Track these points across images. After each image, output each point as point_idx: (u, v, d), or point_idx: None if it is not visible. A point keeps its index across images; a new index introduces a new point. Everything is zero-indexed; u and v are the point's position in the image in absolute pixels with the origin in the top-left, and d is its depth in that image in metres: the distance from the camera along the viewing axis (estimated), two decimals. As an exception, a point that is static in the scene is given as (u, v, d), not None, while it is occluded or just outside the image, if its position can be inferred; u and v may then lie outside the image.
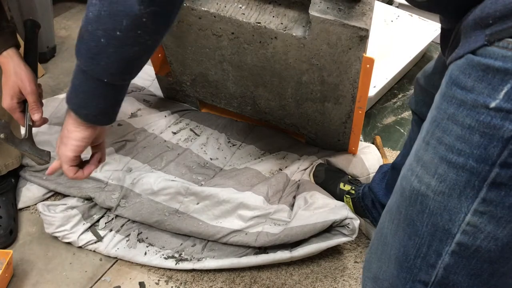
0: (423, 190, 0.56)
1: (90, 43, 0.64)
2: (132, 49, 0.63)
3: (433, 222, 0.56)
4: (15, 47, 1.05)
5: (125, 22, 0.60)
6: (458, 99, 0.51)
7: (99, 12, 0.61)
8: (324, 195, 1.25)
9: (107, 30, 0.61)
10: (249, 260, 1.16)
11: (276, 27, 1.12)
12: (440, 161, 0.54)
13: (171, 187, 1.26)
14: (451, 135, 0.52)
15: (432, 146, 0.55)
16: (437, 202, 0.55)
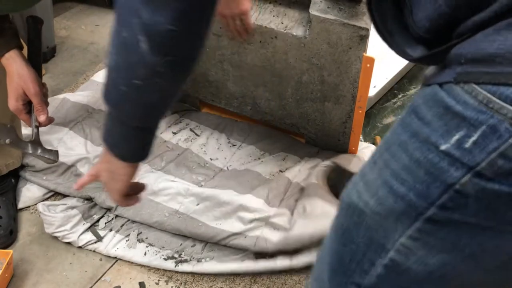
0: (361, 206, 0.57)
1: (112, 90, 0.64)
2: (153, 96, 0.62)
3: (369, 235, 0.57)
4: (17, 48, 1.05)
5: (141, 72, 0.59)
6: (413, 129, 0.50)
7: (116, 61, 0.61)
8: (326, 201, 1.21)
9: (126, 79, 0.61)
10: (248, 266, 1.15)
11: (277, 27, 1.12)
12: (382, 184, 0.53)
13: (171, 187, 1.25)
14: (398, 162, 0.51)
15: (378, 166, 0.55)
16: (374, 220, 0.55)
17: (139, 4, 0.53)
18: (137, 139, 0.70)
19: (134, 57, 0.58)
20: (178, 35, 0.55)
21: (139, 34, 0.55)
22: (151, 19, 0.53)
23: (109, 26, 2.27)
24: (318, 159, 1.39)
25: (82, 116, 1.48)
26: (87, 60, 1.91)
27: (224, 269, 1.15)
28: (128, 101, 0.63)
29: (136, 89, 0.61)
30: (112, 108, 0.66)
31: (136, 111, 0.64)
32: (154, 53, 0.56)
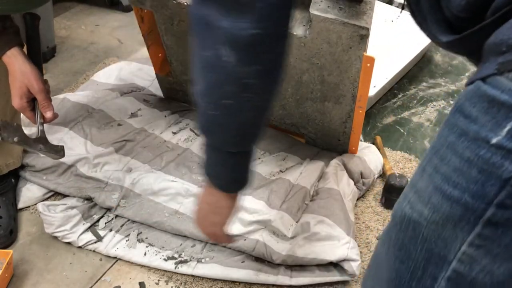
0: (415, 217, 0.54)
1: (204, 117, 0.62)
2: (246, 115, 0.60)
3: (427, 248, 0.54)
4: (19, 46, 1.05)
5: (230, 89, 0.57)
6: (460, 128, 0.49)
7: (203, 86, 0.59)
8: (332, 221, 1.19)
9: (214, 102, 0.59)
10: (249, 278, 1.15)
11: (276, 27, 1.12)
12: (434, 190, 0.51)
13: (171, 187, 1.25)
14: (448, 165, 0.50)
15: (427, 173, 0.53)
16: (431, 230, 0.53)
17: (218, 16, 0.52)
18: (235, 166, 0.68)
19: (220, 75, 0.56)
20: (264, 37, 0.53)
21: (222, 47, 0.53)
22: (233, 27, 0.52)
23: (109, 26, 2.30)
24: (320, 161, 1.38)
25: (82, 116, 1.47)
26: (87, 60, 1.91)
27: (224, 276, 1.15)
28: (220, 126, 0.61)
29: (226, 110, 0.59)
30: (206, 136, 0.65)
31: (229, 135, 0.62)
32: (241, 63, 0.54)
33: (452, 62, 1.95)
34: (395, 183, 1.30)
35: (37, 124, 1.09)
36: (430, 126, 1.64)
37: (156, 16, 1.29)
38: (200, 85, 0.59)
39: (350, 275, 1.12)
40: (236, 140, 0.64)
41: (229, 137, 0.63)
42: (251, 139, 0.66)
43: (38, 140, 1.09)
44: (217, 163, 0.68)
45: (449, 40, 0.53)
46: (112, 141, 1.40)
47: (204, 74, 0.58)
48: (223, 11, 0.51)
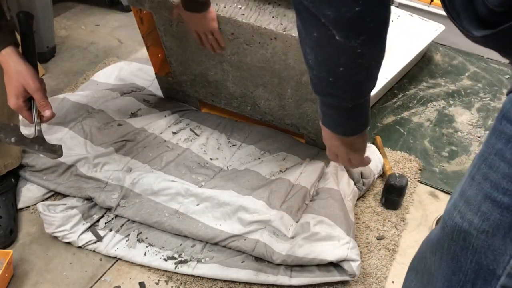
0: (465, 226, 0.54)
1: (321, 84, 0.67)
2: (360, 75, 0.64)
3: (477, 260, 0.53)
4: (13, 45, 1.04)
5: (343, 59, 0.61)
6: (508, 135, 0.48)
7: (316, 59, 0.63)
8: (332, 221, 1.19)
9: (330, 71, 0.63)
10: (249, 278, 1.15)
11: (276, 28, 1.12)
12: (484, 198, 0.51)
13: (171, 187, 1.26)
14: (497, 172, 0.49)
15: (477, 181, 0.52)
16: (481, 241, 0.52)
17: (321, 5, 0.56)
18: (356, 115, 0.73)
19: (332, 50, 0.60)
20: (365, 10, 0.55)
21: (331, 29, 0.57)
22: (337, 12, 0.55)
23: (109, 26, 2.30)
24: (320, 161, 1.39)
25: (82, 116, 1.48)
26: (87, 60, 1.92)
27: (224, 276, 1.15)
28: (339, 88, 0.66)
29: (343, 75, 0.63)
30: (325, 98, 0.70)
31: (348, 94, 0.67)
32: (350, 38, 0.58)
33: (452, 62, 1.95)
34: (395, 183, 1.30)
35: (34, 123, 1.09)
36: (430, 126, 1.64)
37: (155, 17, 1.29)
38: (313, 58, 0.64)
39: (350, 275, 1.12)
40: (354, 97, 0.68)
41: (347, 96, 0.68)
42: (368, 90, 0.70)
43: (35, 140, 1.08)
44: (338, 116, 0.73)
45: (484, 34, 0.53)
46: (112, 141, 1.41)
47: (316, 50, 0.62)
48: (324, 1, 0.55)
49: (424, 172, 1.48)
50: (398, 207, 1.35)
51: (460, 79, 1.87)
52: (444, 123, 1.66)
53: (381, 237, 1.27)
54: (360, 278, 1.17)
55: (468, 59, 1.97)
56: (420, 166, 1.49)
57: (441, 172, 1.48)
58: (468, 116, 1.69)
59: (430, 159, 1.52)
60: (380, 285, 1.16)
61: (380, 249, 1.24)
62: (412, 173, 1.45)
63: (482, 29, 0.53)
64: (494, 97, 1.78)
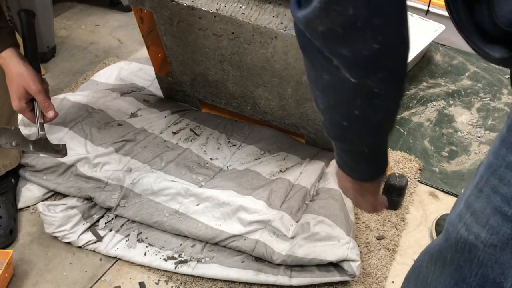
0: (471, 239, 0.53)
1: (334, 128, 0.62)
2: (377, 117, 0.59)
3: (482, 273, 0.53)
4: (13, 47, 1.04)
5: (359, 102, 0.56)
6: None
7: (327, 103, 0.59)
8: (332, 221, 1.18)
9: (344, 115, 0.59)
10: (248, 278, 1.15)
11: (276, 27, 1.12)
12: (493, 211, 0.50)
13: (171, 187, 1.25)
14: (508, 185, 0.48)
15: (485, 194, 0.51)
16: (488, 254, 0.51)
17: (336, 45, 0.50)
18: (373, 160, 0.68)
19: (346, 93, 0.55)
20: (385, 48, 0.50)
21: (345, 72, 0.52)
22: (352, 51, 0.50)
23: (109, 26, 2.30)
24: (320, 161, 1.39)
25: (82, 116, 1.48)
26: (87, 60, 1.92)
27: (224, 276, 1.15)
28: (353, 132, 0.61)
29: (358, 119, 0.58)
30: (339, 143, 0.65)
31: (363, 138, 0.62)
32: (367, 79, 0.53)
33: (452, 62, 1.95)
34: (395, 183, 1.30)
35: (37, 125, 1.08)
36: (430, 126, 1.65)
37: (155, 16, 1.29)
38: (324, 102, 0.59)
39: (350, 276, 1.12)
40: (370, 141, 0.64)
41: (363, 141, 0.63)
42: (385, 135, 0.65)
43: (38, 141, 1.08)
44: (353, 161, 0.69)
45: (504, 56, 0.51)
46: (112, 141, 1.41)
47: (328, 94, 0.58)
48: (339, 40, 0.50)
49: (424, 172, 1.48)
50: (398, 207, 1.35)
51: (460, 79, 1.87)
52: (444, 123, 1.66)
53: (381, 237, 1.27)
54: (360, 278, 1.17)
55: (468, 59, 1.97)
56: (420, 166, 1.49)
57: (441, 172, 1.48)
58: (468, 116, 1.69)
59: (430, 159, 1.52)
60: (380, 285, 1.16)
61: (380, 249, 1.24)
62: (412, 173, 1.45)
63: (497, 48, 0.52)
64: (494, 97, 1.78)
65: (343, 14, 0.47)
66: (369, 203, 0.78)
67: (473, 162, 1.51)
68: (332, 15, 0.47)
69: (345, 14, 0.47)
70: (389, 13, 0.48)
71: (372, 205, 0.78)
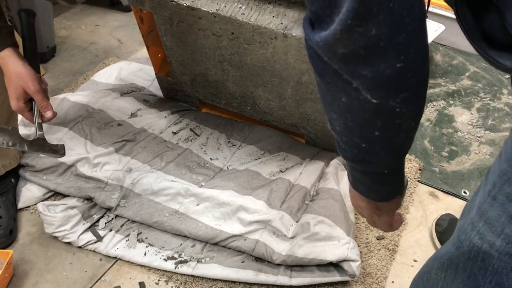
0: (485, 248, 0.52)
1: (353, 150, 0.60)
2: (398, 139, 0.57)
3: (497, 281, 0.52)
4: (12, 47, 1.04)
5: (379, 123, 0.54)
6: None
7: (345, 124, 0.56)
8: (332, 221, 1.18)
9: (363, 137, 0.57)
10: (248, 278, 1.15)
11: (276, 27, 1.12)
12: (508, 220, 0.49)
13: (171, 187, 1.26)
14: None
15: (499, 202, 0.51)
16: (503, 263, 0.51)
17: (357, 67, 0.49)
18: (392, 180, 0.66)
19: (366, 114, 0.53)
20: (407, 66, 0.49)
21: (365, 93, 0.51)
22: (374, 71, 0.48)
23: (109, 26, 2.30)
24: (320, 161, 1.39)
25: (82, 116, 1.48)
26: (87, 60, 1.92)
27: (224, 276, 1.15)
28: (373, 154, 0.60)
29: (378, 140, 0.57)
30: (357, 165, 0.63)
31: (383, 160, 0.61)
32: (389, 99, 0.51)
33: (452, 62, 1.95)
34: (394, 183, 1.30)
35: (35, 124, 1.08)
36: (430, 126, 1.65)
37: (155, 17, 1.29)
38: (341, 124, 0.57)
39: (350, 276, 1.12)
40: (390, 162, 0.62)
41: (383, 162, 0.61)
42: (403, 155, 0.63)
43: (35, 141, 1.08)
44: (371, 182, 0.67)
45: None
46: (112, 141, 1.41)
47: (345, 116, 0.55)
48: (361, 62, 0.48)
49: (424, 172, 1.48)
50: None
51: (460, 79, 1.87)
52: (444, 123, 1.66)
53: (381, 237, 1.27)
54: (360, 278, 1.17)
55: (468, 59, 1.97)
56: (420, 166, 1.49)
57: (441, 172, 1.48)
58: (468, 116, 1.69)
59: (430, 159, 1.52)
60: (380, 285, 1.16)
61: (380, 249, 1.24)
62: (412, 173, 1.45)
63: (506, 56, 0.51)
64: (494, 97, 1.78)
65: (365, 35, 0.45)
66: (385, 222, 0.76)
67: (473, 162, 1.51)
68: (354, 36, 0.46)
69: (368, 35, 0.45)
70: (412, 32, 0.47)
71: (389, 224, 0.77)
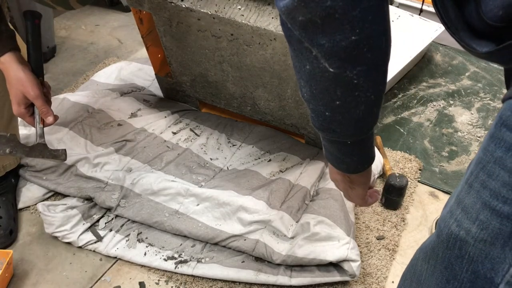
0: (462, 235, 0.53)
1: (318, 118, 0.63)
2: (358, 109, 0.59)
3: (473, 269, 0.53)
4: (13, 51, 1.03)
5: (339, 92, 0.57)
6: (508, 143, 0.48)
7: (311, 92, 0.60)
8: (333, 222, 1.18)
9: (326, 105, 0.60)
10: (248, 278, 1.15)
11: (275, 29, 1.12)
12: (482, 207, 0.51)
13: (171, 187, 1.26)
14: (497, 180, 0.49)
15: (475, 189, 0.52)
16: (478, 250, 0.52)
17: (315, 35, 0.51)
18: (358, 151, 0.68)
19: (326, 83, 0.56)
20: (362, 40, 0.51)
21: (324, 61, 0.54)
22: (332, 42, 0.51)
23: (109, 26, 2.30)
24: (320, 161, 1.39)
25: (82, 116, 1.48)
26: (87, 60, 1.92)
27: (224, 276, 1.15)
28: (337, 123, 0.62)
29: (339, 109, 0.59)
30: (323, 133, 0.66)
31: (347, 129, 0.63)
32: (345, 70, 0.54)
33: (452, 62, 1.95)
34: (395, 183, 1.30)
35: (36, 130, 1.08)
36: (430, 126, 1.65)
37: (154, 18, 1.29)
38: (308, 91, 0.60)
39: (350, 276, 1.12)
40: (354, 132, 0.64)
41: (347, 132, 0.64)
42: (367, 128, 0.65)
43: (35, 147, 1.07)
44: (339, 152, 0.69)
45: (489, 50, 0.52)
46: (112, 141, 1.41)
47: (310, 83, 0.59)
48: (318, 31, 0.51)
49: (424, 172, 1.48)
50: (398, 207, 1.35)
51: (460, 79, 1.87)
52: (444, 123, 1.66)
53: (381, 237, 1.27)
54: (360, 278, 1.17)
55: (468, 59, 1.97)
56: (420, 166, 1.49)
57: (441, 172, 1.48)
58: (468, 116, 1.69)
59: (430, 159, 1.52)
60: (380, 285, 1.16)
61: (380, 249, 1.24)
62: (412, 173, 1.45)
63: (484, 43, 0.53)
64: (494, 97, 1.78)
65: (320, 5, 0.48)
66: (358, 196, 0.79)
67: (473, 162, 1.51)
68: (310, 6, 0.49)
69: (323, 5, 0.48)
70: (368, 8, 0.49)
71: (362, 198, 0.79)
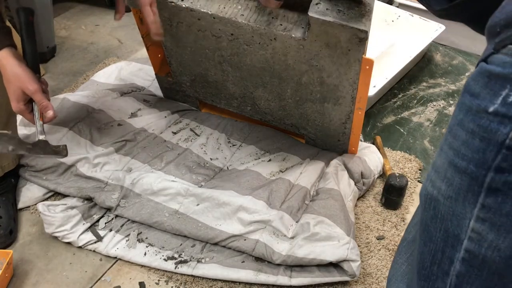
0: (435, 194, 0.57)
1: None
2: None
3: (445, 228, 0.56)
4: (10, 47, 1.03)
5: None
6: (467, 105, 0.52)
7: None
8: (332, 222, 1.18)
9: None
10: (248, 278, 1.15)
11: (276, 29, 1.12)
12: (448, 165, 0.55)
13: (171, 187, 1.26)
14: (458, 140, 0.53)
15: (444, 151, 0.56)
16: (447, 207, 0.55)
17: None
18: None
19: None
20: None
21: None
22: None
23: (109, 26, 2.30)
24: (320, 161, 1.39)
25: (82, 116, 1.48)
26: (87, 60, 1.92)
27: (224, 276, 1.15)
28: None
29: None
30: None
31: None
32: None
33: (452, 62, 1.95)
34: (395, 183, 1.30)
35: (36, 127, 1.08)
36: (430, 126, 1.65)
37: (155, 16, 1.29)
38: None
39: (350, 276, 1.12)
40: None
41: None
42: None
43: (37, 143, 1.07)
44: None
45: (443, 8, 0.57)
46: (112, 141, 1.41)
47: None
48: None
49: (424, 172, 1.48)
50: (398, 207, 1.35)
51: (460, 79, 1.87)
52: (444, 123, 1.66)
53: (381, 237, 1.27)
54: (360, 278, 1.17)
55: (468, 59, 1.97)
56: (420, 166, 1.49)
57: (441, 172, 1.48)
58: (468, 116, 1.69)
59: (430, 159, 1.52)
60: (380, 285, 1.16)
61: (380, 249, 1.24)
62: (412, 173, 1.45)
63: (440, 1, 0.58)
64: (494, 97, 1.78)
65: None
66: None
67: (472, 162, 1.51)
68: None
69: None
70: None
71: None
